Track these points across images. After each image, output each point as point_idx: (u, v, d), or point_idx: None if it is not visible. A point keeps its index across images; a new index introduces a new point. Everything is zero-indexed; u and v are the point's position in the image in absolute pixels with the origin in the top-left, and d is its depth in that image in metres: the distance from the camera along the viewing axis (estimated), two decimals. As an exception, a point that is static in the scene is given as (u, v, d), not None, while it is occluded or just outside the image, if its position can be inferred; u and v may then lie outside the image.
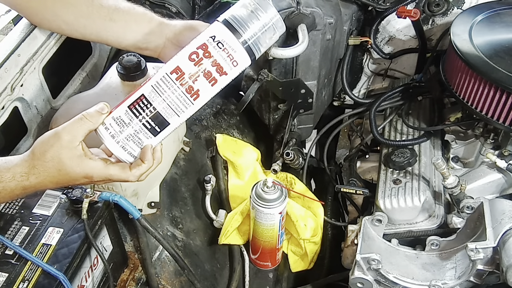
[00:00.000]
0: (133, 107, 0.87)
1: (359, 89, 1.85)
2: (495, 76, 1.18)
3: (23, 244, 1.02)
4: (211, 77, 0.88)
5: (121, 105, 0.89)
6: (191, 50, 0.88)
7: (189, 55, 0.87)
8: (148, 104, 0.87)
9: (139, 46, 1.20)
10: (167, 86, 0.87)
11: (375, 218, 1.29)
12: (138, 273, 1.29)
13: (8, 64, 1.22)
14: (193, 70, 0.87)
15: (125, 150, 0.89)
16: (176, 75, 0.87)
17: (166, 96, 0.87)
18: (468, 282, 1.08)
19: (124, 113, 0.88)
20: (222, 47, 0.87)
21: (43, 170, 0.88)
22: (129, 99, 0.88)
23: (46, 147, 0.88)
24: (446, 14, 1.61)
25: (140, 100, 0.87)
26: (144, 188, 1.36)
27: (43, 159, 0.88)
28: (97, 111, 0.88)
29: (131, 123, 0.87)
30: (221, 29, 0.87)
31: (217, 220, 1.48)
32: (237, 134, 1.76)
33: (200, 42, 0.88)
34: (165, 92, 0.87)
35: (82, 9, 1.16)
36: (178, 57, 0.89)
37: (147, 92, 0.87)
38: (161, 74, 0.88)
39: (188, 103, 0.88)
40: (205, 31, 0.89)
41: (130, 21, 1.18)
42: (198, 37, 0.89)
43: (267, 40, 0.90)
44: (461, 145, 1.42)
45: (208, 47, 0.87)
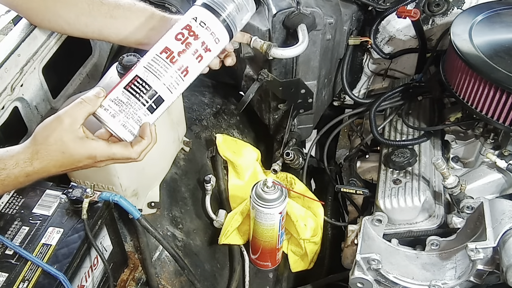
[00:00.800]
0: (129, 87, 0.92)
1: (359, 89, 1.85)
2: (495, 76, 1.18)
3: (23, 244, 1.02)
4: (197, 54, 0.97)
5: (116, 87, 0.94)
6: (177, 31, 0.97)
7: (175, 35, 0.96)
8: (143, 83, 0.93)
9: (140, 42, 1.21)
10: (158, 65, 0.94)
11: (375, 218, 1.29)
12: (138, 273, 1.29)
13: (8, 64, 1.22)
14: (180, 48, 0.96)
15: (126, 128, 0.93)
16: (165, 54, 0.95)
17: (159, 74, 0.94)
18: (468, 282, 1.08)
19: (121, 93, 0.92)
20: (204, 26, 0.97)
21: (47, 154, 0.90)
22: (124, 81, 0.94)
23: (48, 131, 0.89)
24: (446, 14, 1.61)
25: (135, 80, 0.93)
26: (144, 188, 1.36)
27: (46, 143, 0.89)
28: (95, 95, 0.92)
29: (129, 101, 0.92)
30: (201, 10, 0.98)
31: (217, 220, 1.48)
32: (237, 134, 1.76)
33: (184, 23, 0.97)
34: (157, 70, 0.94)
35: (83, 7, 1.16)
36: (165, 39, 0.97)
37: (141, 73, 0.93)
38: (151, 55, 0.95)
39: (179, 80, 0.96)
40: (186, 14, 0.99)
41: (131, 17, 1.19)
42: (181, 20, 0.99)
43: (242, 19, 1.02)
44: (461, 145, 1.42)
45: (192, 27, 0.97)
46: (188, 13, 0.99)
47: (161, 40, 0.97)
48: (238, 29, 1.02)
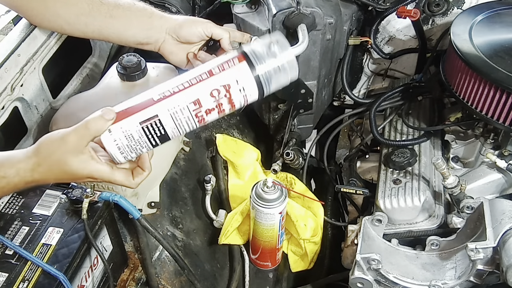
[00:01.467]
0: (146, 126, 0.87)
1: (359, 89, 1.85)
2: (495, 76, 1.18)
3: (23, 244, 1.03)
4: (221, 110, 0.91)
5: (131, 118, 0.87)
6: (215, 86, 0.88)
7: (212, 91, 0.88)
8: (161, 127, 0.88)
9: (140, 42, 1.21)
10: (183, 115, 0.88)
11: (375, 218, 1.29)
12: (138, 273, 1.29)
13: (8, 64, 1.22)
14: (210, 105, 0.89)
15: (122, 154, 0.90)
16: (194, 106, 0.88)
17: (179, 124, 0.89)
18: (468, 282, 1.08)
19: (135, 129, 0.87)
20: (243, 92, 0.90)
21: (48, 169, 0.90)
22: (141, 115, 0.87)
23: (52, 149, 0.89)
24: (446, 14, 1.61)
25: (154, 121, 0.87)
26: (144, 188, 1.36)
27: (49, 160, 0.89)
28: (103, 118, 0.86)
29: (140, 139, 0.88)
30: (247, 75, 0.89)
31: (217, 220, 1.48)
32: (237, 134, 1.76)
33: (225, 81, 0.89)
34: (179, 120, 0.88)
35: (83, 7, 1.17)
36: (200, 89, 0.88)
37: (163, 116, 0.87)
38: (180, 101, 0.88)
39: (193, 126, 0.91)
40: (232, 69, 0.89)
41: (131, 17, 1.19)
42: (224, 75, 0.89)
43: (277, 83, 0.92)
44: (461, 145, 1.41)
45: (231, 88, 0.89)
46: (234, 70, 0.89)
47: (196, 87, 0.88)
48: (272, 90, 0.94)
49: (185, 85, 0.89)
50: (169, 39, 1.21)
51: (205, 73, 0.89)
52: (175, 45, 1.22)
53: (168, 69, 1.33)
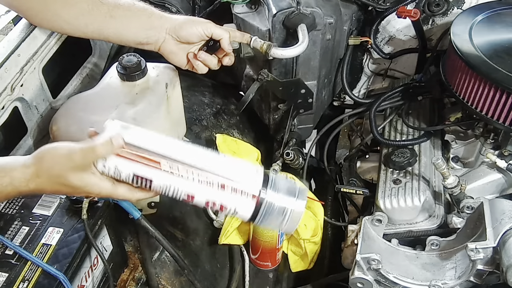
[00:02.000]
0: (137, 179, 0.85)
1: (359, 89, 1.85)
2: (495, 76, 1.18)
3: (23, 244, 1.02)
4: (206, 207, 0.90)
5: (129, 164, 0.84)
6: (214, 200, 0.85)
7: (209, 200, 0.86)
8: (148, 187, 0.86)
9: (140, 41, 1.21)
10: (172, 194, 0.86)
11: (375, 218, 1.29)
12: (138, 273, 1.29)
13: (8, 64, 1.22)
14: (199, 203, 0.87)
15: None
16: (185, 197, 0.86)
17: (166, 194, 0.86)
18: (468, 282, 1.08)
19: (126, 174, 0.85)
20: (234, 214, 0.87)
21: (47, 182, 0.86)
22: (140, 169, 0.84)
23: (55, 163, 0.85)
24: (446, 14, 1.61)
25: (146, 181, 0.85)
26: (144, 188, 1.36)
27: (49, 173, 0.85)
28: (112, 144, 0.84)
29: (125, 180, 0.86)
30: (247, 213, 0.86)
31: (217, 220, 1.48)
32: (237, 134, 1.76)
33: (225, 203, 0.85)
34: (167, 193, 0.86)
35: (83, 7, 1.16)
36: (201, 191, 0.85)
37: (156, 183, 0.85)
38: (177, 185, 0.85)
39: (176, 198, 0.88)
40: (239, 200, 0.85)
41: (131, 17, 1.19)
42: (230, 197, 0.85)
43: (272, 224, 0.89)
44: (461, 145, 1.41)
45: (225, 210, 0.86)
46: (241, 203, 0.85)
47: (198, 188, 0.84)
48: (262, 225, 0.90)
49: (191, 177, 0.84)
50: (169, 39, 1.21)
51: (218, 182, 0.85)
52: (175, 45, 1.22)
53: (168, 69, 1.33)
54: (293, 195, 0.87)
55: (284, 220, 0.87)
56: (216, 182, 0.85)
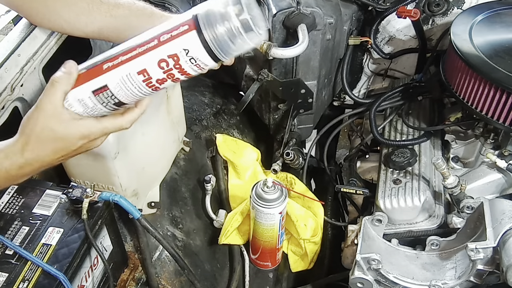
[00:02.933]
0: (97, 95, 0.86)
1: (359, 89, 1.85)
2: (495, 76, 1.18)
3: (23, 244, 1.02)
4: (177, 80, 0.86)
5: (83, 86, 0.87)
6: (161, 56, 0.82)
7: (159, 62, 0.83)
8: (113, 96, 0.86)
9: None
10: (133, 85, 0.85)
11: (375, 218, 1.29)
12: (138, 273, 1.29)
13: (8, 64, 1.22)
14: (160, 76, 0.84)
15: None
16: (143, 77, 0.84)
17: (130, 92, 0.86)
18: (468, 282, 1.08)
19: (88, 98, 0.87)
20: (194, 63, 0.82)
21: (38, 143, 0.88)
22: (92, 84, 0.86)
23: (33, 121, 0.88)
24: (446, 14, 1.61)
25: (105, 90, 0.86)
26: (144, 188, 1.36)
27: (35, 133, 0.88)
28: (66, 73, 0.88)
29: (95, 106, 0.88)
30: (197, 43, 0.80)
31: (217, 220, 1.48)
32: (237, 134, 1.76)
33: (172, 51, 0.82)
34: (130, 89, 0.86)
35: (83, 7, 1.16)
36: (146, 59, 0.83)
37: (112, 86, 0.85)
38: (126, 71, 0.84)
39: (147, 92, 0.88)
40: (179, 38, 0.81)
41: (131, 16, 1.19)
42: (171, 44, 0.82)
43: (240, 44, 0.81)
44: (461, 145, 1.42)
45: (180, 60, 0.82)
46: (181, 41, 0.81)
47: (141, 58, 0.83)
48: (235, 53, 0.84)
49: (132, 54, 0.84)
50: None
51: (155, 39, 0.83)
52: None
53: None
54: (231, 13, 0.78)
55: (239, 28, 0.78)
56: (151, 42, 0.83)
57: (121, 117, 0.92)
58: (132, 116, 0.93)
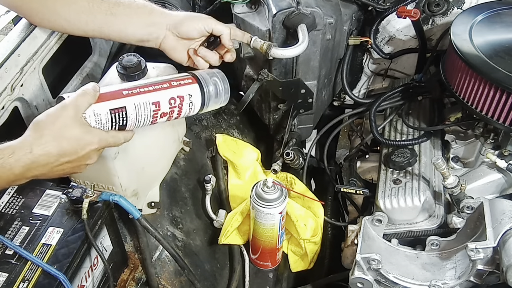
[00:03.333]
0: (114, 113, 1.01)
1: (359, 89, 1.85)
2: (495, 76, 1.18)
3: (23, 244, 1.02)
4: (170, 117, 1.11)
5: (103, 103, 1.01)
6: (174, 94, 1.09)
7: (170, 98, 1.09)
8: (125, 117, 1.02)
9: (141, 39, 1.22)
10: (144, 112, 1.05)
11: (375, 218, 1.29)
12: (138, 273, 1.29)
13: (8, 64, 1.22)
14: (166, 110, 1.09)
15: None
16: (155, 107, 1.06)
17: (139, 119, 1.05)
18: (468, 282, 1.08)
19: (105, 113, 1.00)
20: (191, 106, 1.14)
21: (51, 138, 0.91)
22: (112, 103, 1.01)
23: (53, 117, 0.93)
24: (446, 14, 1.61)
25: (121, 110, 1.02)
26: (144, 188, 1.36)
27: (51, 127, 0.91)
28: (93, 89, 0.99)
29: (106, 124, 1.00)
30: (197, 93, 1.14)
31: (217, 220, 1.48)
32: (237, 134, 1.76)
33: (181, 92, 1.11)
34: (140, 115, 1.04)
35: (83, 5, 1.17)
36: (162, 93, 1.08)
37: (130, 107, 1.03)
38: (145, 99, 1.05)
39: (145, 127, 1.08)
40: (187, 86, 1.12)
41: (131, 14, 1.19)
42: (181, 88, 1.11)
43: (213, 105, 1.20)
44: (461, 145, 1.42)
45: (184, 100, 1.11)
46: (188, 87, 1.12)
47: (160, 92, 1.07)
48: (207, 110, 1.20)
49: (149, 88, 1.07)
50: (170, 35, 1.21)
51: (166, 83, 1.10)
52: (176, 41, 1.23)
53: (168, 69, 1.32)
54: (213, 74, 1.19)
55: (221, 99, 1.21)
56: (165, 83, 1.10)
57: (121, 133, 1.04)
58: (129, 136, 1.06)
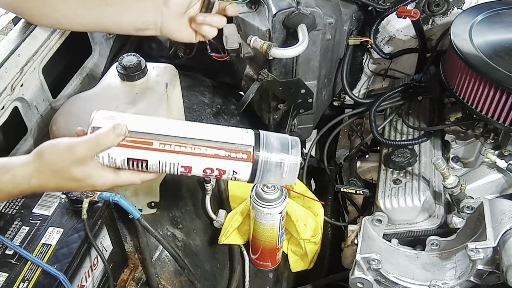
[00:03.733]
0: (131, 162, 0.86)
1: (359, 89, 1.85)
2: (495, 76, 1.18)
3: (23, 244, 1.02)
4: (207, 176, 0.90)
5: (123, 150, 0.85)
6: (211, 166, 0.87)
7: (206, 168, 0.87)
8: (145, 167, 0.87)
9: (139, 27, 1.19)
10: (170, 170, 0.87)
11: (375, 218, 1.29)
12: (138, 273, 1.29)
13: (8, 64, 1.22)
14: (198, 174, 0.88)
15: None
16: (183, 170, 0.87)
17: (161, 171, 0.87)
18: (468, 282, 1.08)
19: (120, 161, 0.86)
20: (233, 178, 0.89)
21: (50, 177, 0.86)
22: (133, 152, 0.85)
23: (57, 157, 0.85)
24: (446, 14, 1.61)
25: (141, 162, 0.86)
26: (144, 188, 1.36)
27: (52, 168, 0.85)
28: (114, 134, 0.84)
29: (121, 167, 0.87)
30: (246, 172, 0.88)
31: (217, 220, 1.48)
32: (237, 134, 1.76)
33: (223, 167, 0.87)
34: (164, 170, 0.87)
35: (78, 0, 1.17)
36: (197, 161, 0.86)
37: (151, 162, 0.86)
38: (174, 160, 0.86)
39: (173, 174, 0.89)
40: (236, 162, 0.87)
41: (126, 2, 1.17)
42: (226, 162, 0.87)
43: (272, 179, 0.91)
44: (461, 145, 1.42)
45: (225, 174, 0.88)
46: (237, 165, 0.87)
47: (195, 159, 0.86)
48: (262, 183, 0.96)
49: (186, 150, 0.86)
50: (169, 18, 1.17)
51: (214, 149, 0.86)
52: (175, 21, 1.18)
53: (168, 69, 1.33)
54: (286, 147, 0.89)
55: (283, 174, 0.89)
56: (209, 149, 0.86)
57: (136, 176, 0.89)
58: (148, 177, 0.91)
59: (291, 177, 0.90)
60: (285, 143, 0.90)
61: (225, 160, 0.87)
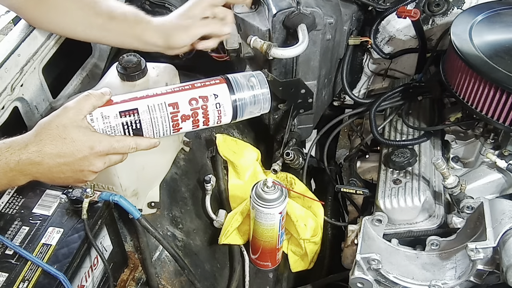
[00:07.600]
0: (124, 116, 0.94)
1: (359, 89, 1.85)
2: (495, 76, 1.18)
3: (23, 244, 1.03)
4: (196, 123, 0.99)
5: (113, 106, 0.94)
6: (194, 95, 0.97)
7: (190, 99, 0.97)
8: (137, 120, 0.94)
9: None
10: (160, 113, 0.95)
11: (375, 218, 1.29)
12: (138, 273, 1.29)
13: (8, 64, 1.22)
14: (187, 112, 0.97)
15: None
16: (172, 109, 0.95)
17: (154, 120, 0.95)
18: (468, 282, 1.08)
19: (113, 116, 0.94)
20: (218, 108, 0.99)
21: (46, 137, 0.89)
22: (123, 105, 0.94)
23: (52, 117, 0.91)
24: (446, 14, 1.61)
25: (133, 112, 0.94)
26: (144, 188, 1.36)
27: (48, 127, 0.90)
28: (102, 93, 0.94)
29: (116, 128, 0.94)
30: (225, 93, 0.99)
31: (217, 220, 1.48)
32: (237, 134, 1.76)
33: (204, 93, 0.98)
34: (155, 117, 0.95)
35: (77, 18, 1.20)
36: (180, 95, 0.97)
37: (141, 109, 0.94)
38: (160, 100, 0.95)
39: (167, 132, 0.98)
40: (212, 86, 0.99)
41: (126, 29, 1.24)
42: (204, 89, 0.99)
43: (250, 111, 1.03)
44: (461, 145, 1.42)
45: (208, 101, 0.98)
46: (214, 87, 0.99)
47: (177, 94, 0.97)
48: (244, 117, 1.03)
49: (167, 90, 0.97)
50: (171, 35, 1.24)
51: (188, 85, 0.99)
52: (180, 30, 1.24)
53: (168, 69, 1.33)
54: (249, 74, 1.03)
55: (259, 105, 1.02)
56: (187, 86, 0.99)
57: (131, 138, 0.95)
58: (143, 143, 0.96)
59: (266, 101, 1.02)
60: (247, 73, 1.03)
61: (202, 88, 0.99)
